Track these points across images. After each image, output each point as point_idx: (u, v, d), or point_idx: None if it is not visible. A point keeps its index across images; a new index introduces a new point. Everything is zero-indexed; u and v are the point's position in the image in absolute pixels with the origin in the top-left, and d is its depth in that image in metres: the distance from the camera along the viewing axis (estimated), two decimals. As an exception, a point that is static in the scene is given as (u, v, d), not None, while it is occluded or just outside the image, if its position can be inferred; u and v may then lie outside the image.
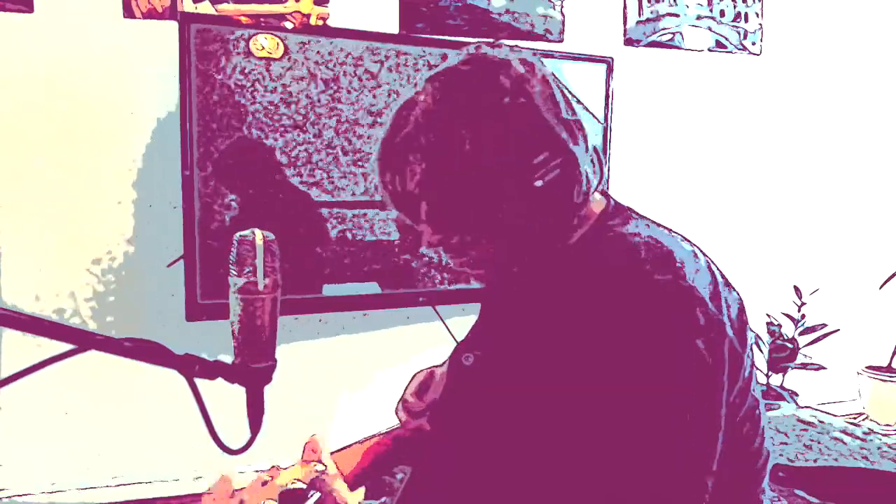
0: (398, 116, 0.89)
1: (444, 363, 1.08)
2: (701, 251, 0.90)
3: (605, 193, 0.96)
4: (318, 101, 1.97)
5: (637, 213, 0.94)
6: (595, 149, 0.91)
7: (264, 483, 0.83)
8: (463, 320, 1.10)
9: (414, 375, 1.10)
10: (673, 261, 0.83)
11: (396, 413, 1.07)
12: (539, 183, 0.84)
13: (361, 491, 1.01)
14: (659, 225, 0.92)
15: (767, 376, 2.67)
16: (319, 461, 0.87)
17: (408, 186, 0.88)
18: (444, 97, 0.86)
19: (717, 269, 0.90)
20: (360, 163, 2.03)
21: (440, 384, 1.04)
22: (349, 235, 2.05)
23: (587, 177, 0.88)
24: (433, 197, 0.87)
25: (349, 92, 2.00)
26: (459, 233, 0.89)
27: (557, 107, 0.88)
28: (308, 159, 1.98)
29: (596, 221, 0.92)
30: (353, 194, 2.04)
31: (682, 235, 0.91)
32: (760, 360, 2.66)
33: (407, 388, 1.09)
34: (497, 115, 0.84)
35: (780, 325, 2.70)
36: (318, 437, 0.91)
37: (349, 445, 1.03)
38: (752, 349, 0.90)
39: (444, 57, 0.92)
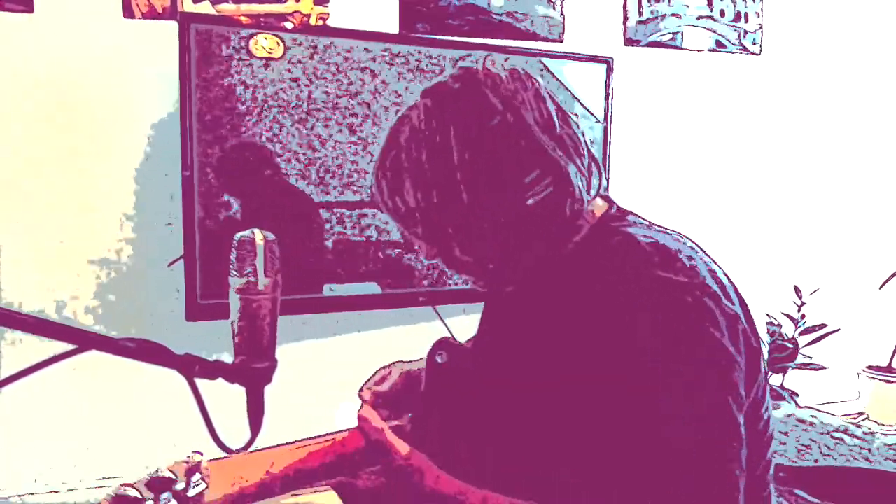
0: (391, 135, 0.91)
1: (410, 361, 1.08)
2: (701, 249, 0.90)
3: (606, 198, 0.96)
4: (318, 100, 1.97)
5: (638, 216, 0.94)
6: (594, 157, 0.92)
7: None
8: (463, 320, 1.10)
9: (376, 371, 1.09)
10: (681, 258, 0.82)
11: (360, 395, 1.02)
12: (531, 202, 0.85)
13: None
14: (659, 227, 0.92)
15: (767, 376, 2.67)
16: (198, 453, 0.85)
17: (400, 204, 0.90)
18: (433, 116, 0.87)
19: (719, 266, 0.90)
20: (360, 162, 2.03)
21: (401, 381, 1.04)
22: (349, 235, 2.05)
23: (580, 190, 0.88)
24: (425, 215, 0.89)
25: (349, 91, 2.00)
26: (454, 248, 0.90)
27: (550, 122, 0.87)
28: (308, 159, 1.98)
29: (597, 224, 0.92)
30: (354, 193, 2.04)
31: (681, 234, 0.91)
32: (760, 360, 2.66)
33: (366, 383, 1.08)
34: (485, 135, 0.85)
35: (780, 325, 2.69)
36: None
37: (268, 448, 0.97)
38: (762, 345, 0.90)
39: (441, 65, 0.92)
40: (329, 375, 2.26)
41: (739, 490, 0.75)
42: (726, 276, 0.89)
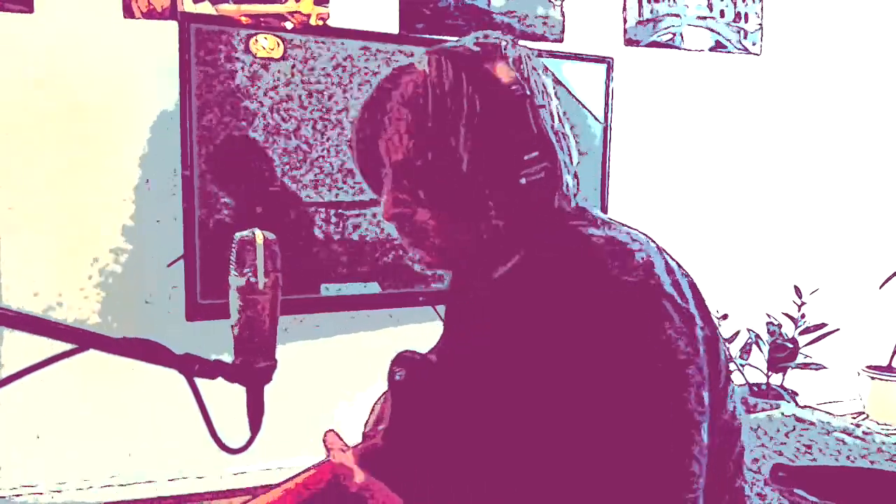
0: (391, 80, 0.86)
1: None
2: (656, 244, 0.88)
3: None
4: (318, 100, 1.97)
5: (595, 213, 0.91)
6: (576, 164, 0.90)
7: None
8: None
9: (372, 407, 1.06)
10: (635, 258, 0.80)
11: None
12: (523, 181, 0.83)
13: None
14: (617, 223, 0.90)
15: (767, 376, 2.67)
16: None
17: (385, 151, 0.85)
18: (449, 71, 0.83)
19: (674, 259, 0.88)
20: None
21: None
22: (349, 235, 2.05)
23: (567, 186, 0.86)
24: (409, 168, 0.84)
25: (349, 91, 2.00)
26: (423, 210, 0.85)
27: (552, 116, 0.86)
28: (308, 159, 1.98)
29: (554, 222, 0.87)
30: (354, 194, 2.04)
31: (639, 231, 0.89)
32: (760, 360, 2.66)
33: (366, 423, 1.04)
34: (500, 102, 0.82)
35: (780, 325, 2.69)
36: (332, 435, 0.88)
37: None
38: (721, 334, 0.89)
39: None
40: (329, 375, 2.26)
41: (697, 487, 0.74)
42: (682, 272, 0.87)
